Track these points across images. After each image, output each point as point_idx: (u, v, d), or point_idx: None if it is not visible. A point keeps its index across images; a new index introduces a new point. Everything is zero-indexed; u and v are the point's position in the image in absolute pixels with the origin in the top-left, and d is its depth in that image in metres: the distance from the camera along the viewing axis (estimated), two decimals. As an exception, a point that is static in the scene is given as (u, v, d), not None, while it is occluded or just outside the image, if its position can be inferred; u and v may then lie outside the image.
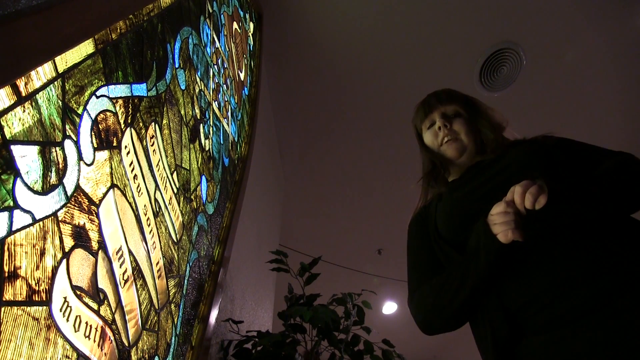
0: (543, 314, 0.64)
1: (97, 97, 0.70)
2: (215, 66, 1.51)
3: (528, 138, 0.88)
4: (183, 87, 1.14)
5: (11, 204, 0.48)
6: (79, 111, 0.64)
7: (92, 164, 0.67)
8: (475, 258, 0.70)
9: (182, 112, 1.13)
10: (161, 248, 0.92)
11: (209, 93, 1.41)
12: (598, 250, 0.63)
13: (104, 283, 0.67)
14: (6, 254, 0.47)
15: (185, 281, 1.07)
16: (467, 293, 0.71)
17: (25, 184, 0.51)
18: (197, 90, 1.27)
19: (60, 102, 0.59)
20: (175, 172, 1.05)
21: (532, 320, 0.65)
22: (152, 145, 0.91)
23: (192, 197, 1.16)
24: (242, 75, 1.98)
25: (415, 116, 1.01)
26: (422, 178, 0.97)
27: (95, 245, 0.65)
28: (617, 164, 0.73)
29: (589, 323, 0.59)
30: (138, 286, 0.79)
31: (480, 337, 0.74)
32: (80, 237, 0.61)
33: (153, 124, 0.93)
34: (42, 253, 0.53)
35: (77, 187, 0.62)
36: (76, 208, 0.61)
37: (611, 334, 0.57)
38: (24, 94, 0.52)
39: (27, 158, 0.52)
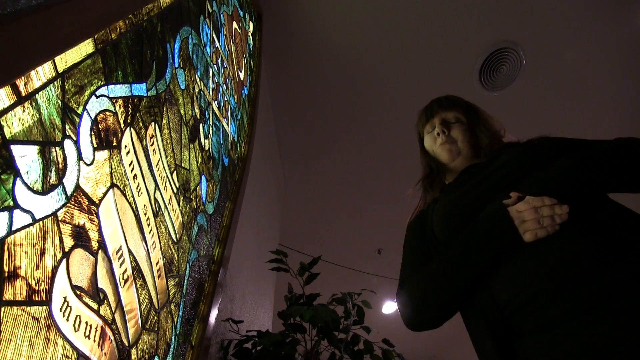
0: (540, 313, 0.63)
1: (97, 97, 0.70)
2: (215, 66, 1.51)
3: (523, 141, 0.88)
4: (183, 87, 1.14)
5: (11, 203, 0.48)
6: (79, 111, 0.64)
7: (91, 163, 0.67)
8: (485, 244, 0.70)
9: (182, 111, 1.12)
10: (161, 248, 0.92)
11: (209, 93, 1.41)
12: (595, 246, 0.62)
13: (103, 283, 0.67)
14: (6, 253, 0.47)
15: (185, 281, 1.07)
16: (467, 276, 0.71)
17: (25, 184, 0.51)
18: (196, 90, 1.27)
19: (60, 102, 0.59)
20: (175, 171, 1.05)
21: (528, 321, 0.64)
22: (151, 145, 0.91)
23: (191, 196, 1.16)
24: (241, 75, 1.98)
25: (418, 121, 1.06)
26: (419, 182, 1.00)
27: (95, 245, 0.65)
28: (617, 142, 0.72)
29: (588, 322, 0.58)
30: (138, 286, 0.79)
31: (477, 338, 0.73)
32: (80, 237, 0.61)
33: (153, 123, 0.93)
34: (42, 253, 0.53)
35: (77, 187, 0.62)
36: (76, 208, 0.61)
37: (610, 333, 0.56)
38: (23, 94, 0.52)
39: (26, 158, 0.52)
